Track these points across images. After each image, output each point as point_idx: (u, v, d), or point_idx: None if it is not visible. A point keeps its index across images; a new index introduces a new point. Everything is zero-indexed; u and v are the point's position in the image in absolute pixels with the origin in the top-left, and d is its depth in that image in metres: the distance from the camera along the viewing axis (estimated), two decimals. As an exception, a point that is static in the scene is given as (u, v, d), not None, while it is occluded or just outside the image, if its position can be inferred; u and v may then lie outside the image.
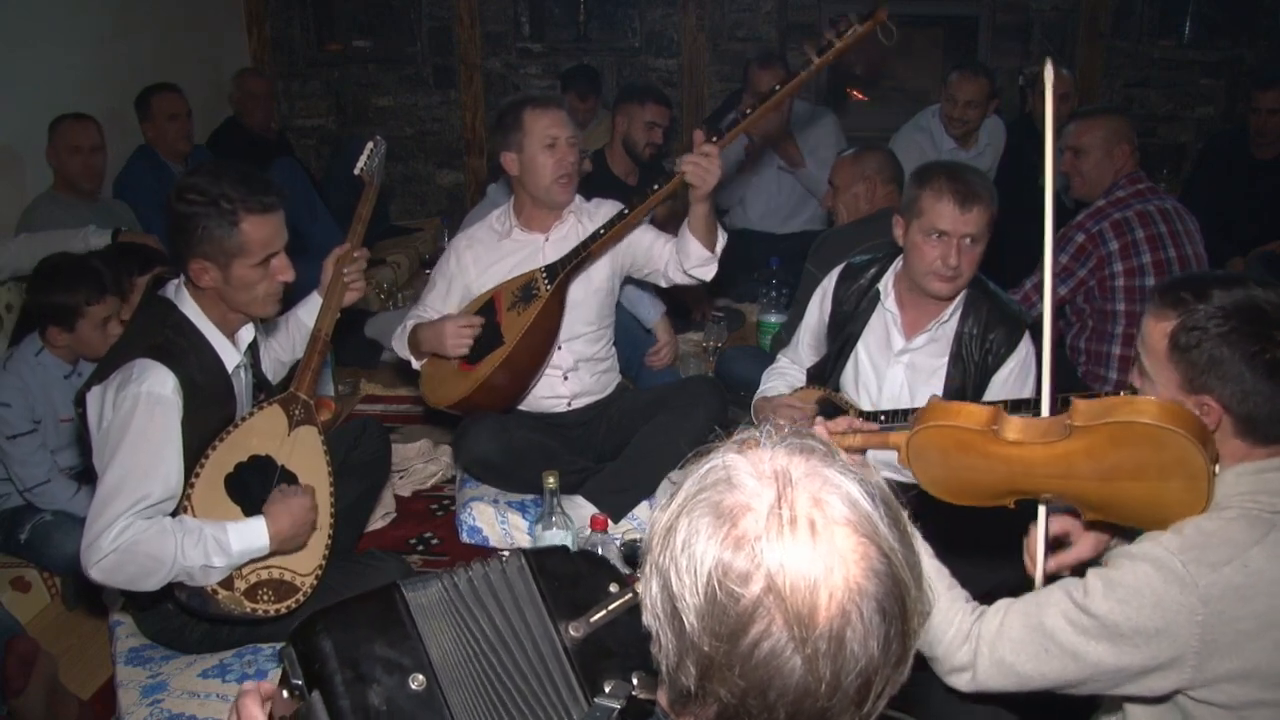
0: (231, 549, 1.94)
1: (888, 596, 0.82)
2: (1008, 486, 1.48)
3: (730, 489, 0.85)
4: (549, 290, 2.72)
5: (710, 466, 0.88)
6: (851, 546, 0.82)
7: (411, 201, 5.98)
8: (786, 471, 0.85)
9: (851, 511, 0.84)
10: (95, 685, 2.36)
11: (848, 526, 0.83)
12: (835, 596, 0.80)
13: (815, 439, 0.90)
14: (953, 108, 4.19)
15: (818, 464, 0.87)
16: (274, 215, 2.02)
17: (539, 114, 2.73)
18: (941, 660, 1.46)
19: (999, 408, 1.44)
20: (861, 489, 0.86)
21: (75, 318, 2.61)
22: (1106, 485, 1.40)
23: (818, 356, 2.64)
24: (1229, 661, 1.33)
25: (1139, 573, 1.34)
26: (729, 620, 0.81)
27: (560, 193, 2.78)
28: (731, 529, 0.83)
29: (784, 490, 0.84)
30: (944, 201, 2.24)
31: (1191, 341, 1.39)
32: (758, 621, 0.80)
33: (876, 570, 0.82)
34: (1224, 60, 5.34)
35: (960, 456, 1.45)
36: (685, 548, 0.84)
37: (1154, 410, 1.31)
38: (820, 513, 0.83)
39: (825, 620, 0.80)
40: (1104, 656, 1.35)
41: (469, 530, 2.83)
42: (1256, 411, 1.37)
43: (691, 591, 0.83)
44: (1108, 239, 3.17)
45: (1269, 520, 1.35)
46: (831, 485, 0.85)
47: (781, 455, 0.87)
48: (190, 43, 5.06)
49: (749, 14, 5.54)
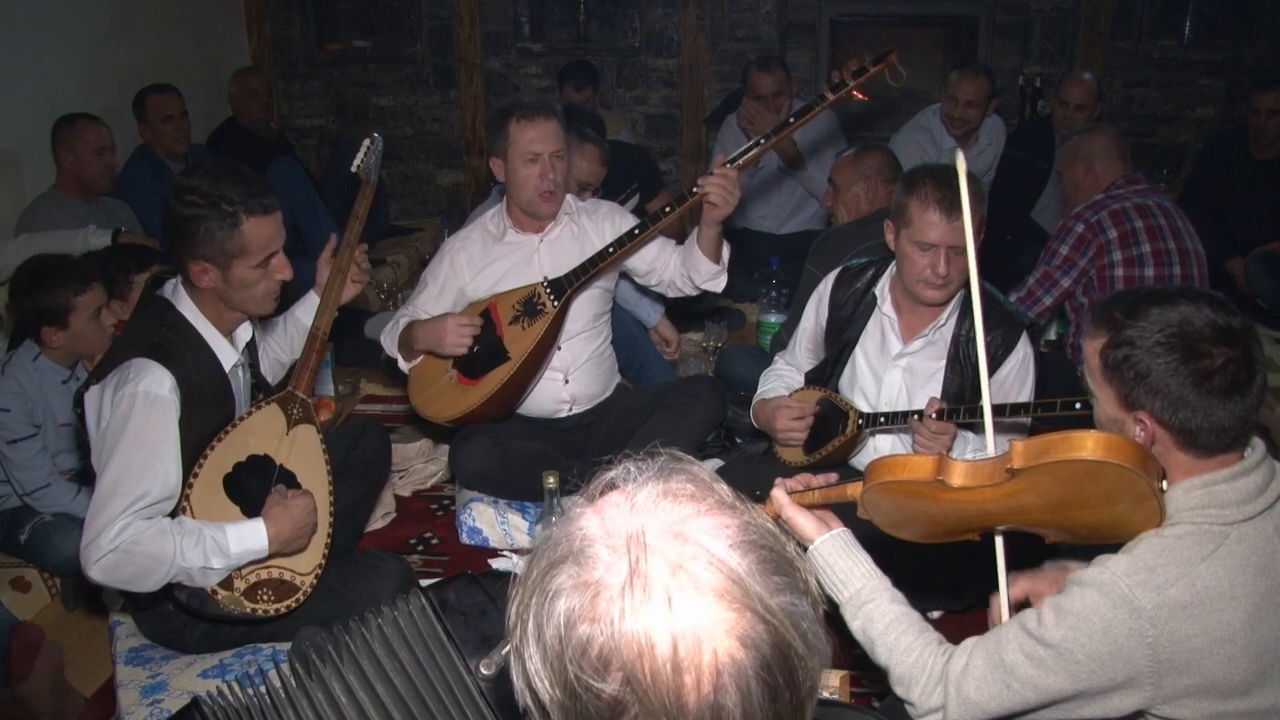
0: (230, 550, 1.94)
1: (768, 666, 0.73)
2: (965, 525, 1.53)
3: (580, 564, 0.76)
4: (555, 307, 2.71)
5: (560, 536, 0.79)
6: (718, 617, 0.73)
7: (411, 201, 5.98)
8: (641, 535, 0.75)
9: (716, 576, 0.74)
10: (95, 685, 2.36)
11: (712, 595, 0.73)
12: (704, 677, 0.72)
13: (685, 475, 0.81)
14: (953, 107, 4.19)
15: (682, 515, 0.77)
16: (273, 216, 2.02)
17: (524, 126, 2.68)
18: (917, 704, 1.48)
19: (942, 455, 1.47)
20: (729, 544, 0.76)
21: (66, 313, 2.59)
22: (1059, 515, 1.43)
23: (815, 360, 2.63)
24: (1186, 678, 1.34)
25: (1087, 600, 1.36)
26: (593, 716, 0.74)
27: (542, 205, 2.74)
28: (584, 612, 0.74)
29: (637, 562, 0.74)
30: (930, 211, 2.22)
31: (1120, 358, 1.41)
32: (625, 715, 0.73)
33: (750, 637, 0.73)
34: (1224, 60, 5.34)
35: (914, 504, 1.49)
36: (539, 636, 0.76)
37: (1090, 445, 1.32)
38: (677, 582, 0.73)
39: (696, 705, 0.72)
40: (1063, 685, 1.38)
41: (469, 531, 2.83)
42: (1189, 424, 1.37)
43: (551, 684, 0.75)
44: (1106, 227, 3.22)
45: (1220, 533, 1.36)
46: (693, 546, 0.75)
47: (641, 509, 0.78)
48: (190, 43, 5.07)
49: (749, 14, 5.54)
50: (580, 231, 2.86)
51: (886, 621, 1.50)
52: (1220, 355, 1.35)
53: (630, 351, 3.34)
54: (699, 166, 5.39)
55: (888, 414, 2.38)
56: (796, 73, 4.78)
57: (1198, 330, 1.36)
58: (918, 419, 2.25)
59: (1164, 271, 3.19)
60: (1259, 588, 1.34)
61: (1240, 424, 1.37)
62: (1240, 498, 1.37)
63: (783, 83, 4.23)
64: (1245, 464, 1.39)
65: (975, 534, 1.56)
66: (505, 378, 2.71)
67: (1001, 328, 2.35)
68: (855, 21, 5.61)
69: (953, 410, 2.22)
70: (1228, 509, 1.36)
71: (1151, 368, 1.38)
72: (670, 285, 2.89)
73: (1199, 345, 1.36)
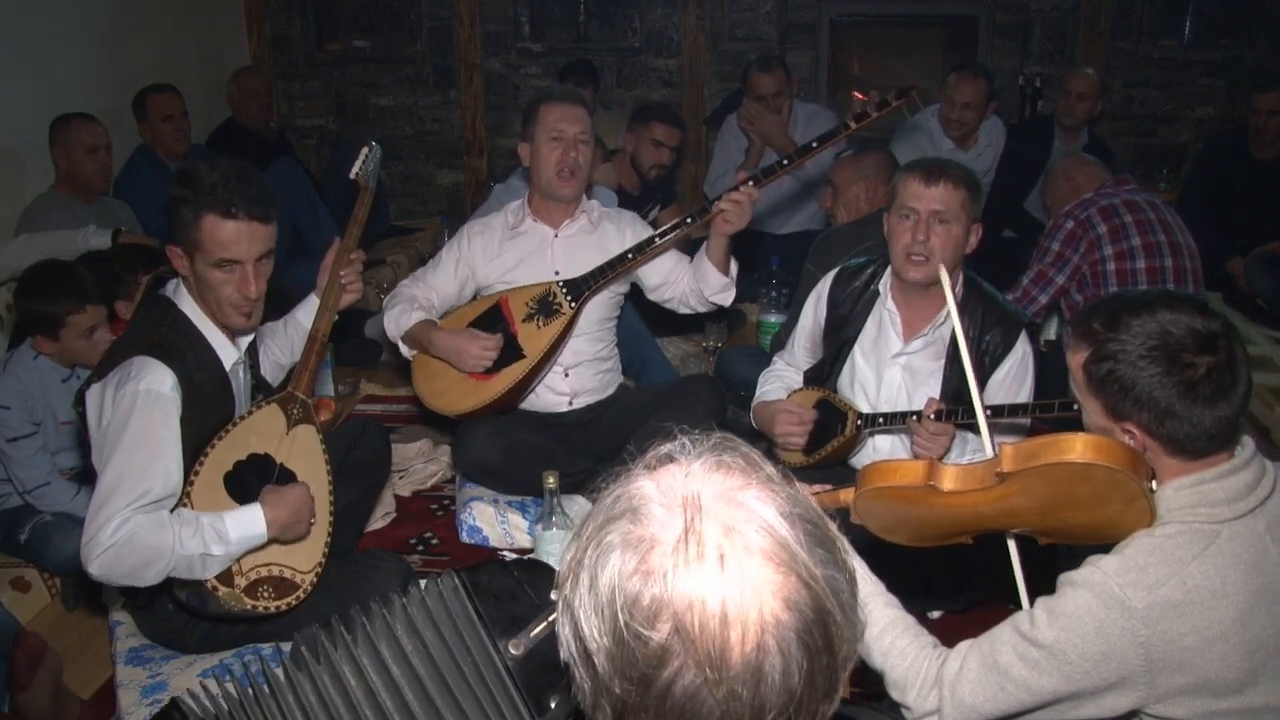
0: (229, 536, 1.94)
1: (809, 629, 0.77)
2: (958, 529, 1.53)
3: (636, 520, 0.80)
4: (572, 309, 2.74)
5: (618, 494, 0.83)
6: (766, 578, 0.77)
7: (411, 201, 5.98)
8: (697, 498, 0.79)
9: (766, 539, 0.78)
10: (95, 685, 2.36)
11: (761, 556, 0.77)
12: (749, 633, 0.75)
13: (737, 452, 0.84)
14: (950, 109, 4.19)
15: (734, 485, 0.81)
16: (239, 223, 1.96)
17: (552, 107, 2.75)
18: (913, 708, 1.48)
19: (933, 460, 1.48)
20: (779, 512, 0.80)
21: (58, 327, 2.57)
22: (1050, 517, 1.44)
23: (813, 359, 2.64)
24: (1179, 677, 1.35)
25: (1079, 600, 1.37)
26: (639, 664, 0.77)
27: (561, 186, 2.78)
28: (639, 564, 0.78)
29: (692, 520, 0.78)
30: (911, 179, 2.28)
31: (1103, 373, 1.41)
32: (668, 664, 0.76)
33: (794, 600, 0.77)
34: (1224, 60, 5.34)
35: (906, 509, 1.50)
36: (591, 586, 0.80)
37: (1079, 447, 1.33)
38: (730, 543, 0.77)
39: (740, 659, 0.75)
40: (1056, 686, 1.38)
41: (469, 530, 2.83)
42: (1177, 433, 1.38)
43: (600, 633, 0.79)
44: (1095, 222, 3.27)
45: (1210, 532, 1.36)
46: (745, 511, 0.79)
47: (696, 476, 0.82)
48: (190, 43, 5.07)
49: (749, 14, 5.54)
50: (599, 234, 2.88)
51: (881, 625, 1.51)
52: (1203, 364, 1.35)
53: (631, 351, 3.35)
54: (699, 167, 5.39)
55: (887, 414, 2.38)
56: (796, 73, 4.78)
57: (1178, 340, 1.36)
58: (916, 420, 2.25)
59: (1155, 263, 3.20)
60: (1250, 585, 1.35)
61: (1228, 426, 1.37)
62: (1230, 496, 1.37)
63: (783, 83, 4.23)
64: (1235, 462, 1.40)
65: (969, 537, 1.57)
66: (520, 375, 2.72)
67: (1000, 326, 2.35)
68: (855, 21, 5.61)
69: (951, 411, 2.22)
70: (1218, 507, 1.37)
71: (1135, 381, 1.38)
72: (682, 301, 2.94)
73: (1181, 356, 1.36)
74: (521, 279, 2.83)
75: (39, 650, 2.19)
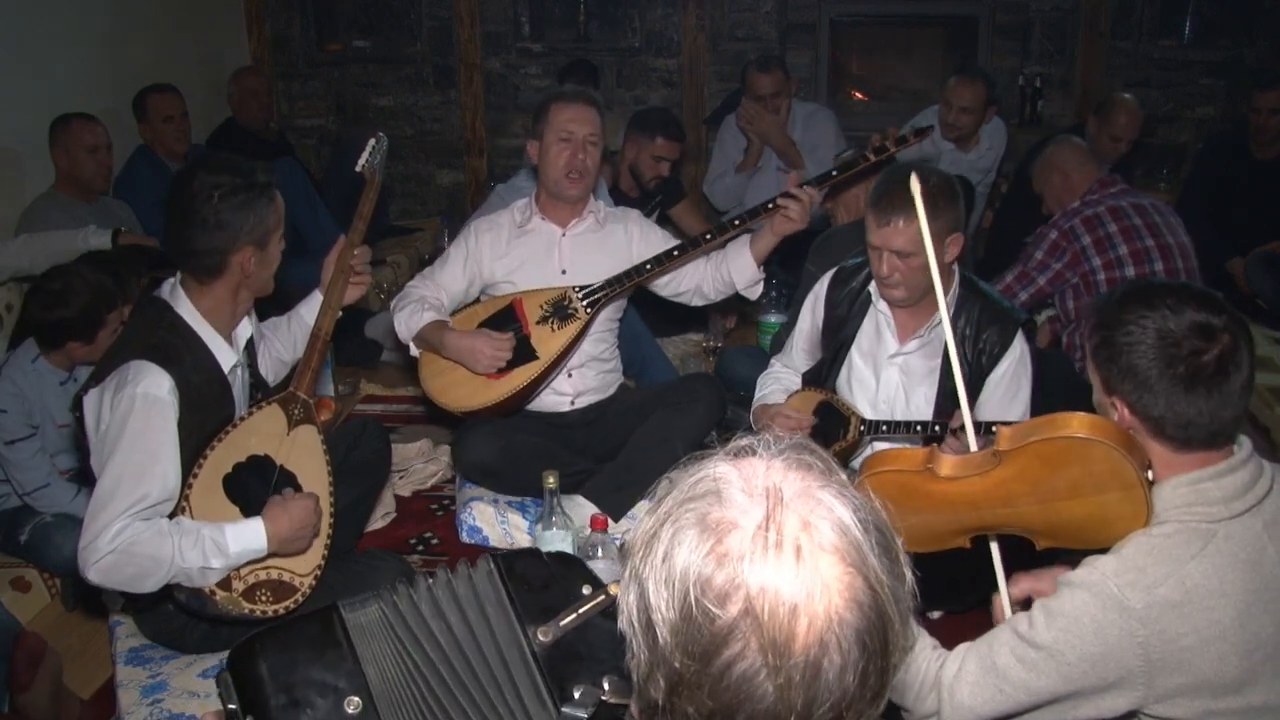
0: (229, 550, 1.93)
1: (870, 630, 0.79)
2: (957, 525, 1.54)
3: (719, 503, 0.82)
4: (588, 314, 2.74)
5: (701, 476, 0.85)
6: (837, 575, 0.79)
7: (411, 202, 5.98)
8: (779, 490, 0.82)
9: (840, 538, 0.80)
10: (95, 685, 2.36)
11: (835, 554, 0.80)
12: (815, 625, 0.78)
13: (816, 454, 0.87)
14: (947, 112, 4.19)
15: (813, 483, 0.84)
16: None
17: (563, 107, 2.75)
18: (912, 710, 1.49)
19: (933, 448, 1.51)
20: (854, 515, 0.82)
21: (97, 329, 2.60)
22: (1047, 507, 1.45)
23: (812, 361, 2.64)
24: (1177, 677, 1.35)
25: (1077, 600, 1.37)
26: (703, 639, 0.79)
27: (569, 187, 2.77)
28: (715, 545, 0.80)
29: (773, 510, 0.80)
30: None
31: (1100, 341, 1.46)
32: (732, 644, 0.78)
33: (860, 601, 0.79)
34: (1224, 60, 5.34)
35: (906, 502, 1.52)
36: (666, 559, 0.81)
37: (1075, 424, 1.35)
38: (808, 537, 0.80)
39: (802, 649, 0.77)
40: (1055, 686, 1.38)
41: (469, 530, 2.83)
42: (1152, 410, 1.40)
43: (668, 605, 0.80)
44: (1079, 234, 3.29)
45: (1208, 531, 1.36)
46: (824, 509, 0.82)
47: (777, 470, 0.84)
48: (190, 43, 5.07)
49: (749, 14, 5.53)
50: (605, 233, 2.88)
51: None
52: (1188, 346, 1.37)
53: (631, 351, 3.35)
54: (699, 167, 5.38)
55: (890, 423, 2.38)
56: (796, 73, 4.78)
57: (1176, 324, 1.39)
58: (920, 428, 2.25)
59: (1144, 269, 3.22)
60: (1248, 585, 1.35)
61: (1210, 420, 1.38)
62: (1227, 495, 1.37)
63: (782, 83, 4.23)
64: (1232, 461, 1.40)
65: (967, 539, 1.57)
66: (532, 376, 2.72)
67: (996, 325, 2.35)
68: (855, 21, 5.61)
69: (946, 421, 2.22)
70: (1215, 506, 1.37)
71: (1124, 351, 1.41)
72: (698, 294, 2.92)
73: (1172, 334, 1.38)
74: (528, 277, 2.83)
75: (39, 650, 2.19)
